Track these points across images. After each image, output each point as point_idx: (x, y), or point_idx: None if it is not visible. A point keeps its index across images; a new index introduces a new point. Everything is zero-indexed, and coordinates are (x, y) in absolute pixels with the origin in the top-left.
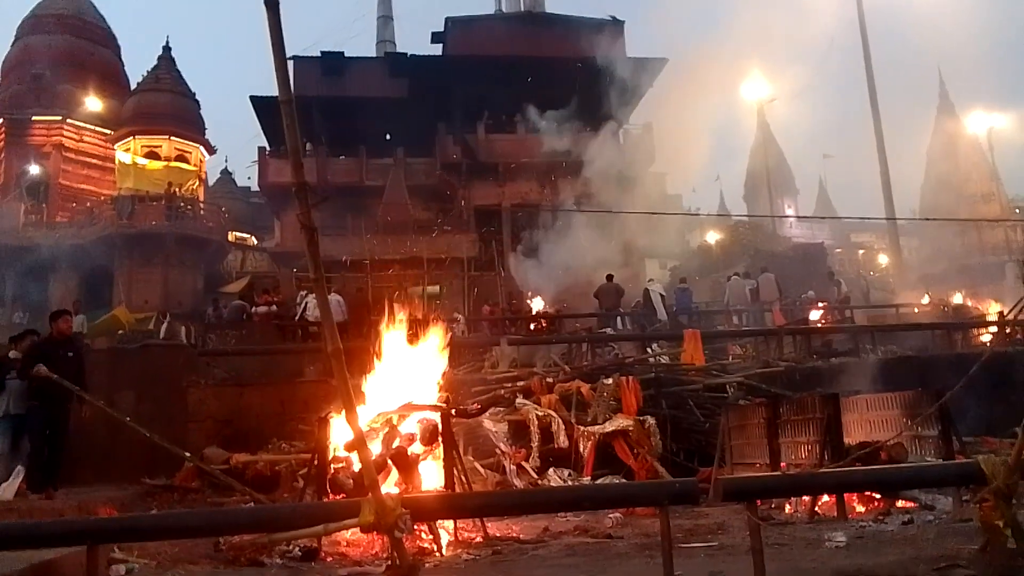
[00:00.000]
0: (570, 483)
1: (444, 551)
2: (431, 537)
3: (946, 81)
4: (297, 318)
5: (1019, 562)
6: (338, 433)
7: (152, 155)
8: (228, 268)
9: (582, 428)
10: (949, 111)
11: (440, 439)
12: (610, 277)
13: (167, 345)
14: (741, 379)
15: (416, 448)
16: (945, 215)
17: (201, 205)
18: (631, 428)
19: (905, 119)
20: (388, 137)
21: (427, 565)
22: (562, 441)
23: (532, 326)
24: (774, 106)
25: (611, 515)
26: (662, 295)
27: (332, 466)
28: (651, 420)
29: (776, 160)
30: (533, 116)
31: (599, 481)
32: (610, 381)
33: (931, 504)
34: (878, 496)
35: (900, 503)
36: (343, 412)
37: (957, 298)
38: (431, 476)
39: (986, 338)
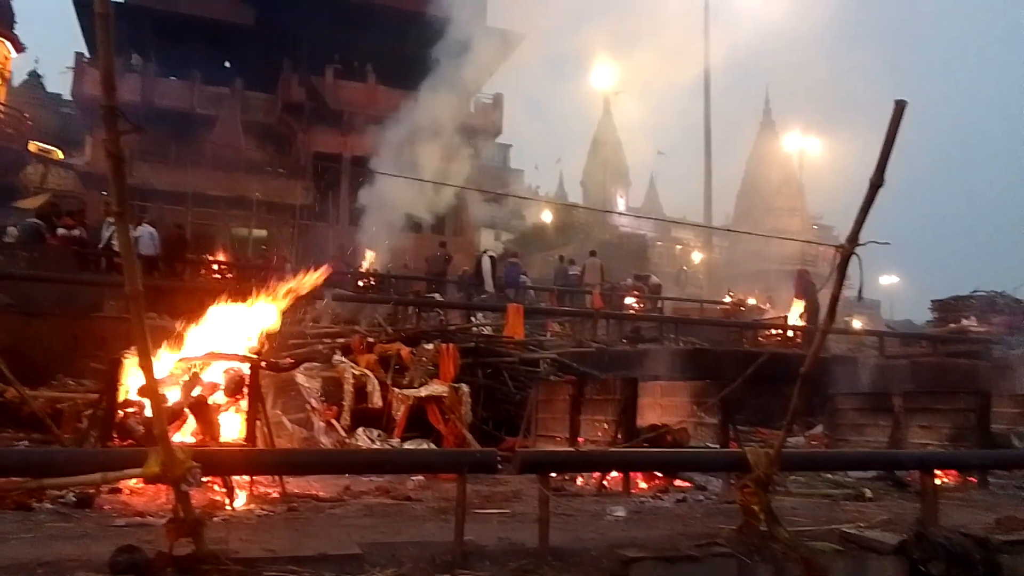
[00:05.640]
0: (379, 444)
1: (237, 506)
2: (224, 490)
3: (772, 99)
4: (102, 246)
5: (768, 543)
6: (134, 376)
7: None
8: (26, 181)
9: (398, 391)
10: (770, 128)
11: (246, 391)
12: (443, 244)
13: None
14: (554, 356)
15: (218, 398)
16: (754, 223)
17: (1, 108)
18: (445, 395)
19: (734, 129)
20: (227, 65)
21: (216, 520)
22: (376, 401)
23: (360, 283)
24: (619, 99)
25: (414, 477)
26: (492, 266)
27: (123, 411)
28: (465, 388)
29: (615, 151)
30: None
31: (408, 444)
32: (431, 347)
33: (704, 485)
34: (660, 474)
35: (678, 482)
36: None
37: (752, 300)
38: (234, 428)
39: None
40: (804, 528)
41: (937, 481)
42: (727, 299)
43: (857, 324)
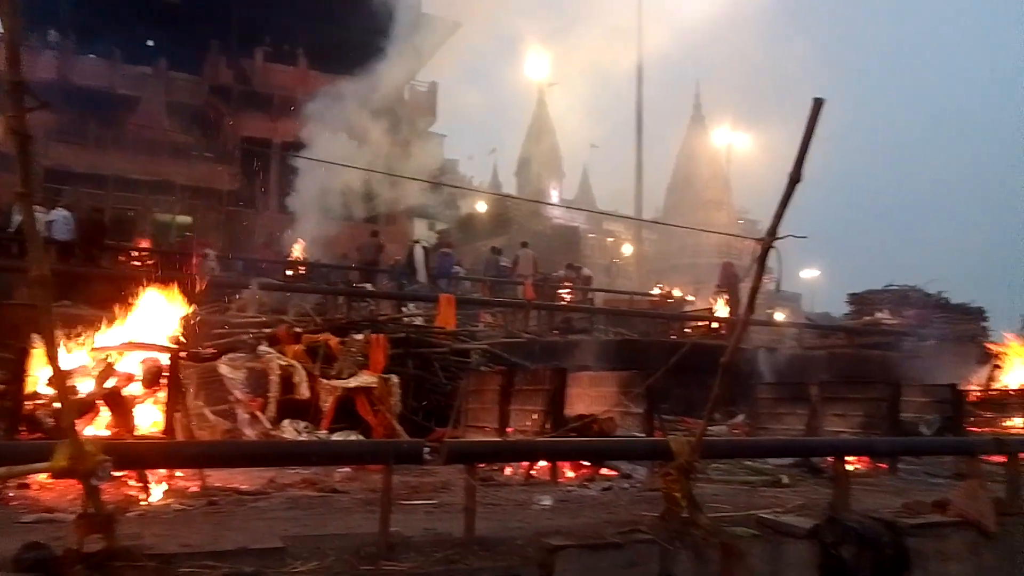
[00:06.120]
0: (305, 436)
1: (154, 500)
2: (140, 485)
3: (702, 94)
4: (12, 230)
5: (689, 529)
6: (43, 366)
7: None
8: None
9: (326, 381)
10: (700, 122)
11: (164, 382)
12: (375, 233)
13: None
14: (486, 346)
15: (134, 389)
16: (684, 216)
17: None
18: (375, 385)
19: (667, 122)
20: (150, 44)
21: (131, 515)
22: (303, 392)
23: (289, 272)
24: (554, 90)
25: (341, 469)
26: (425, 256)
27: (32, 402)
28: (395, 379)
29: (549, 142)
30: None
31: (336, 435)
32: (360, 337)
33: (630, 473)
34: (587, 463)
35: (605, 471)
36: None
37: (677, 292)
38: (153, 420)
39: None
40: (724, 514)
41: (849, 467)
42: (656, 291)
43: (779, 316)
